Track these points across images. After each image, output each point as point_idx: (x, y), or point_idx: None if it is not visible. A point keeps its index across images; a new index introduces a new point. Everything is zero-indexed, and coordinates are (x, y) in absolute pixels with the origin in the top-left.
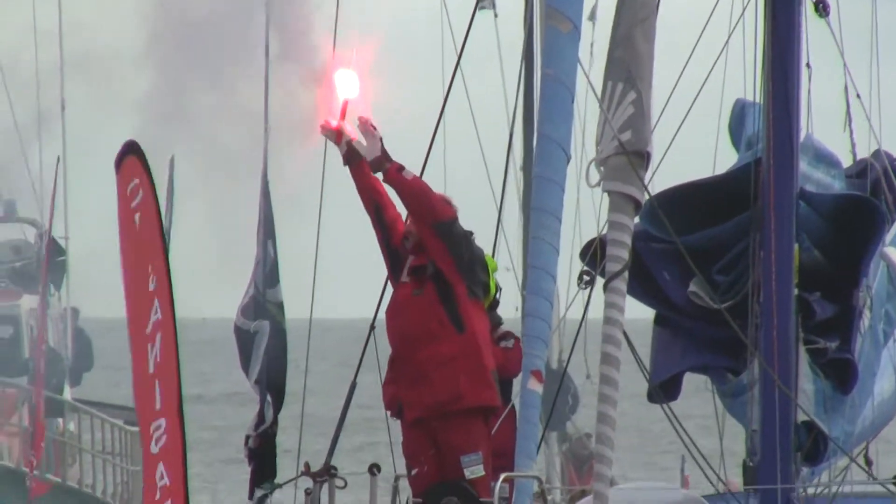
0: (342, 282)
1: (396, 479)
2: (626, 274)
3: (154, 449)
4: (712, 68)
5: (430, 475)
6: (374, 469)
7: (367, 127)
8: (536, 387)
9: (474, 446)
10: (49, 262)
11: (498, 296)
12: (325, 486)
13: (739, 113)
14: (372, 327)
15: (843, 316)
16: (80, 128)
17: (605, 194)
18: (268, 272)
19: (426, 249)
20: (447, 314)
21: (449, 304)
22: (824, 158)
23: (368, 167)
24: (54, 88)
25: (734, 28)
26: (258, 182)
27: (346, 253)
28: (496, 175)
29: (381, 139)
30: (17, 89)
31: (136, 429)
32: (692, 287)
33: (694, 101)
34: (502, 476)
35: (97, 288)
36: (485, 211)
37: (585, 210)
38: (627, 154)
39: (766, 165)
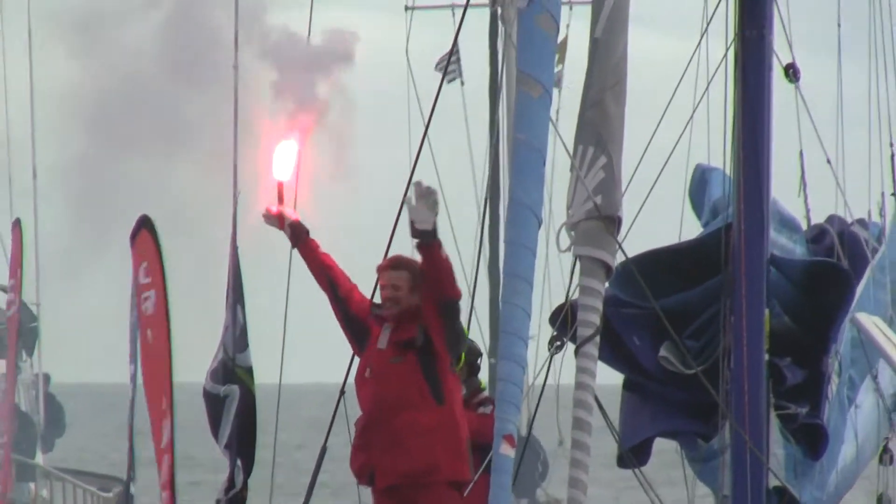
0: (312, 346)
1: None
2: (598, 339)
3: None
4: (681, 134)
5: None
6: None
7: (428, 191)
8: (509, 451)
9: (443, 501)
10: (20, 328)
11: (479, 361)
12: None
13: (700, 178)
14: (342, 392)
15: (813, 381)
16: (54, 195)
17: (573, 258)
18: (237, 337)
19: (422, 321)
20: (429, 386)
21: (431, 376)
22: (787, 223)
23: (414, 233)
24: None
25: (703, 94)
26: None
27: (315, 316)
28: (464, 242)
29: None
30: None
31: (109, 495)
32: (662, 352)
33: (664, 166)
34: None
35: (66, 353)
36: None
37: (553, 274)
38: (601, 218)
39: (737, 231)
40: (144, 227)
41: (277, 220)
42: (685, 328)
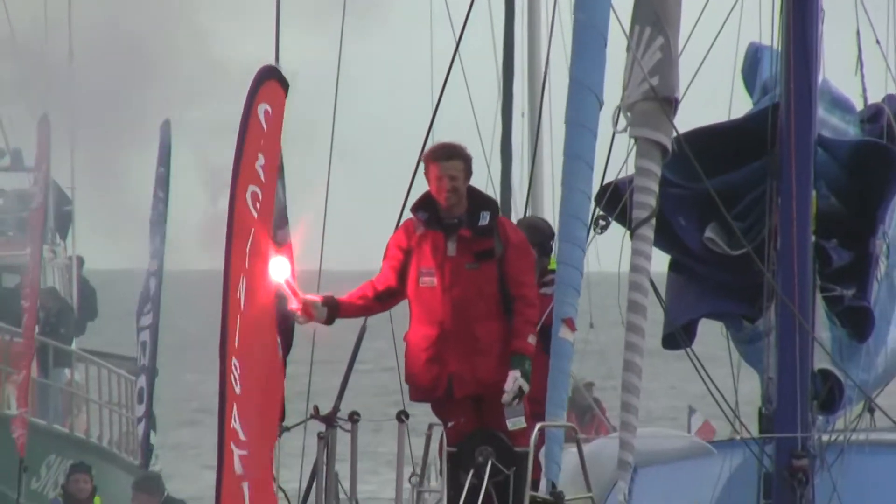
0: (352, 233)
1: (430, 426)
2: (654, 221)
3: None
4: (730, 13)
5: (467, 427)
6: (401, 416)
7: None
8: (568, 335)
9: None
10: (56, 212)
11: (551, 242)
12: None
13: (753, 57)
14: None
15: (860, 263)
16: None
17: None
18: (278, 213)
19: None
20: (501, 296)
21: (503, 287)
22: (840, 104)
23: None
24: (63, 39)
25: None
26: None
27: (355, 206)
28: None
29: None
30: (25, 39)
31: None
32: (708, 233)
33: (711, 46)
34: (538, 426)
35: (98, 240)
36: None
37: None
38: (657, 100)
39: (785, 111)
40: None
41: (307, 315)
42: (730, 209)
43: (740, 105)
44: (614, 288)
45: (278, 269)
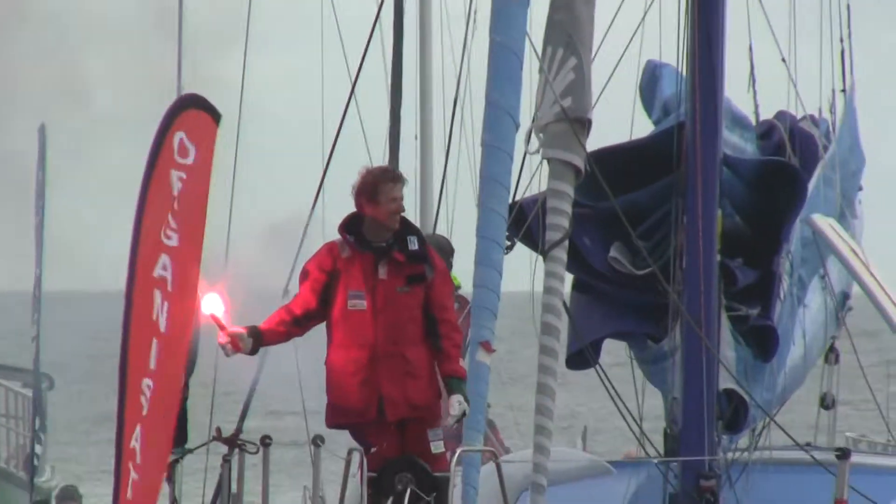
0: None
1: (350, 452)
2: (567, 243)
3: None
4: (636, 31)
5: (389, 452)
6: (318, 440)
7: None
8: (485, 359)
9: (439, 422)
10: None
11: (451, 259)
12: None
13: (651, 74)
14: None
15: (764, 282)
16: None
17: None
18: None
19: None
20: (425, 321)
21: (426, 312)
22: (739, 121)
23: None
24: None
25: None
26: None
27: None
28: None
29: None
30: None
31: (28, 392)
32: (613, 252)
33: (616, 65)
34: (459, 450)
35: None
36: None
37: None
38: (569, 121)
39: (691, 130)
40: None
41: (235, 347)
42: (635, 228)
43: (636, 123)
44: (521, 309)
45: (210, 304)
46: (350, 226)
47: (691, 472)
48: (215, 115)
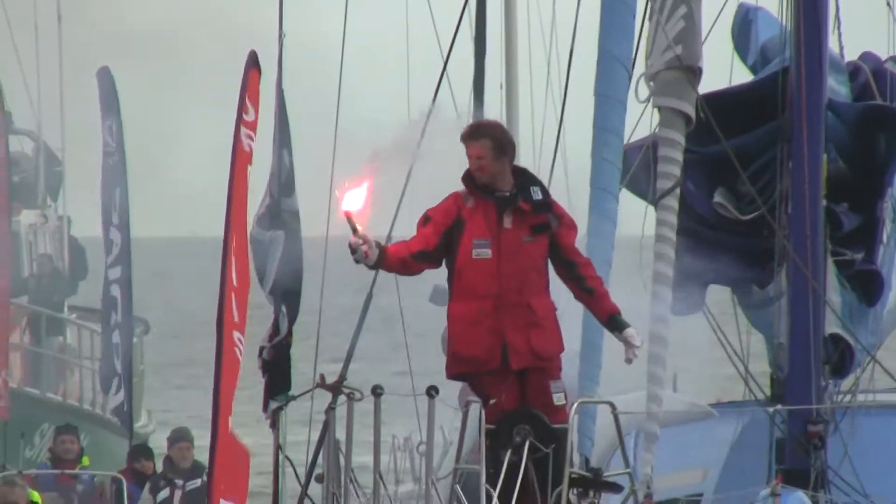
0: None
1: (467, 404)
2: (678, 191)
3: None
4: None
5: (508, 403)
6: (432, 391)
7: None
8: None
9: (560, 374)
10: (46, 173)
11: None
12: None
13: (744, 19)
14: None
15: (868, 227)
16: (76, 44)
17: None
18: (283, 181)
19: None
20: (547, 271)
21: (548, 262)
22: (834, 65)
23: None
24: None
25: None
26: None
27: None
28: None
29: None
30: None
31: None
32: (717, 198)
33: (721, 11)
34: (577, 401)
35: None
36: None
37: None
38: (682, 68)
39: (796, 75)
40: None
41: (366, 248)
42: (740, 174)
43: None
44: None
45: (351, 201)
46: (470, 176)
47: (799, 417)
48: (259, 69)
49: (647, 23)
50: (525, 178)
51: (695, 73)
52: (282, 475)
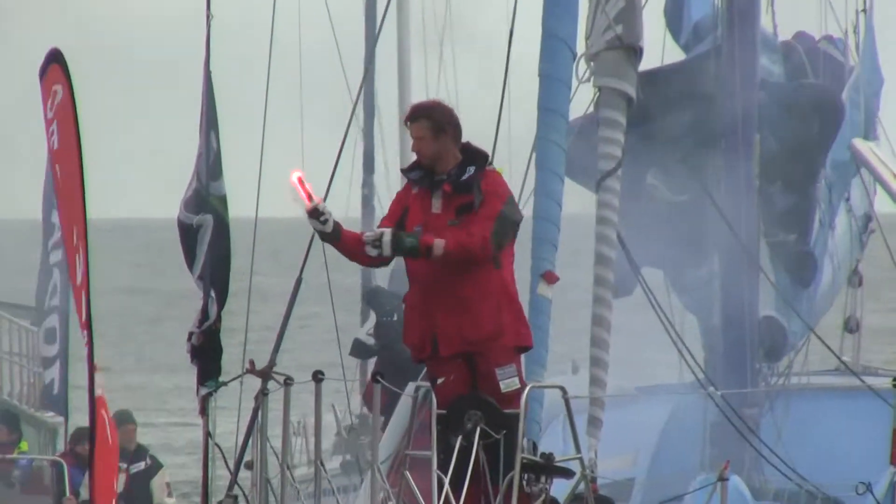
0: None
1: (417, 389)
2: (620, 172)
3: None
4: None
5: (458, 387)
6: (318, 375)
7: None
8: (546, 292)
9: (509, 361)
10: None
11: None
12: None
13: None
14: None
15: (802, 208)
16: None
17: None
18: (211, 164)
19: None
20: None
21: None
22: (767, 43)
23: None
24: None
25: None
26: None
27: (292, 148)
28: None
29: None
30: None
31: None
32: (649, 179)
33: None
34: (529, 386)
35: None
36: None
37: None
38: (623, 48)
39: (728, 55)
40: (55, 62)
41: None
42: (673, 153)
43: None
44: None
45: (297, 175)
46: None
47: (733, 400)
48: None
49: (587, 2)
50: (466, 157)
51: (636, 52)
52: (211, 463)
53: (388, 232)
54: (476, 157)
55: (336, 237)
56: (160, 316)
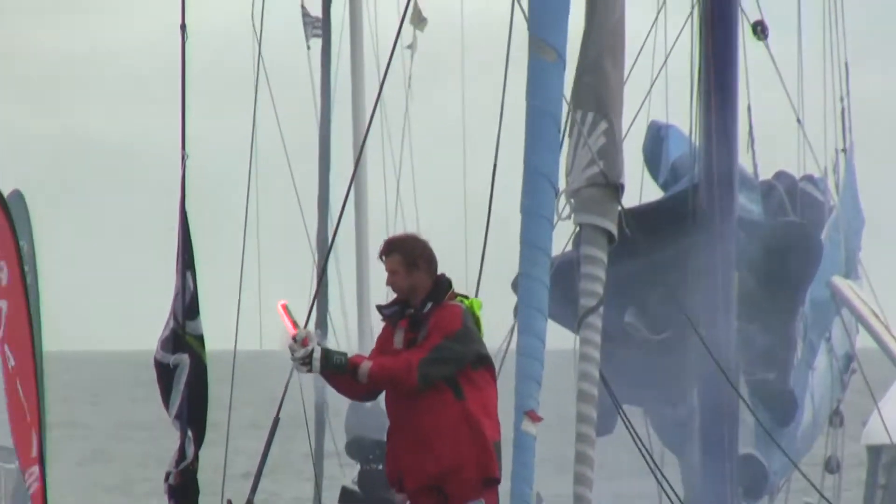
0: (264, 313)
1: None
2: (601, 310)
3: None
4: (648, 93)
5: None
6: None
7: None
8: (531, 429)
9: (476, 495)
10: None
11: None
12: None
13: (656, 136)
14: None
15: (780, 346)
16: None
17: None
18: (187, 304)
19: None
20: (446, 383)
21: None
22: (746, 182)
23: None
24: None
25: (663, 63)
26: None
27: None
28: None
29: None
30: None
31: (11, 466)
32: (628, 317)
33: (630, 125)
34: None
35: None
36: None
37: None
38: (605, 185)
39: (707, 193)
40: None
41: (304, 342)
42: (651, 291)
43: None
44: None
45: (283, 303)
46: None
47: None
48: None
49: (567, 139)
50: (433, 290)
51: (617, 189)
52: None
53: (317, 349)
54: (438, 292)
55: (342, 369)
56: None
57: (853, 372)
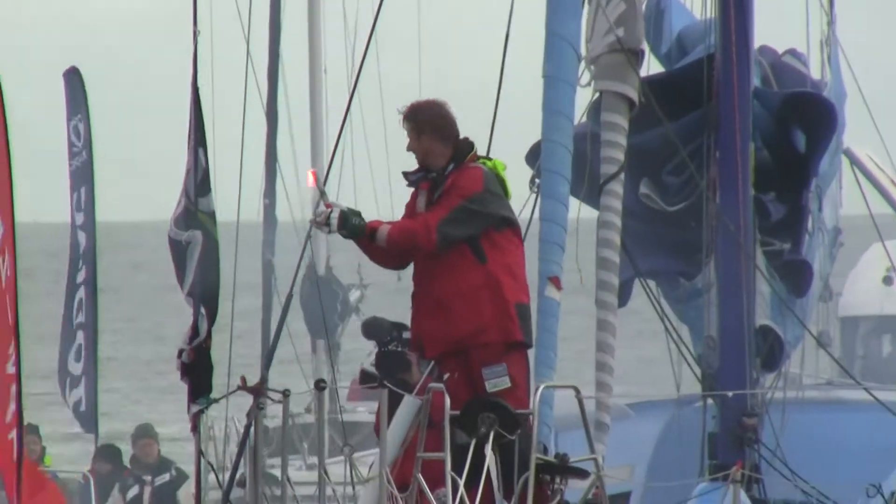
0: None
1: (429, 391)
2: (623, 176)
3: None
4: None
5: (458, 384)
6: (320, 384)
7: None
8: (555, 294)
9: (497, 359)
10: None
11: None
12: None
13: (656, 8)
14: (308, 236)
15: (794, 216)
16: None
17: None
18: (199, 181)
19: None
20: (468, 245)
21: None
22: None
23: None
24: None
25: None
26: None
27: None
28: None
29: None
30: None
31: None
32: (643, 188)
33: None
34: (542, 386)
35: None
36: None
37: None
38: (623, 51)
39: (724, 63)
40: None
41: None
42: (665, 163)
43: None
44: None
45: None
46: None
47: (732, 410)
48: None
49: (586, 6)
50: (455, 153)
51: (637, 55)
52: (204, 480)
53: (336, 209)
54: (461, 154)
55: (357, 234)
56: None
57: (841, 245)
